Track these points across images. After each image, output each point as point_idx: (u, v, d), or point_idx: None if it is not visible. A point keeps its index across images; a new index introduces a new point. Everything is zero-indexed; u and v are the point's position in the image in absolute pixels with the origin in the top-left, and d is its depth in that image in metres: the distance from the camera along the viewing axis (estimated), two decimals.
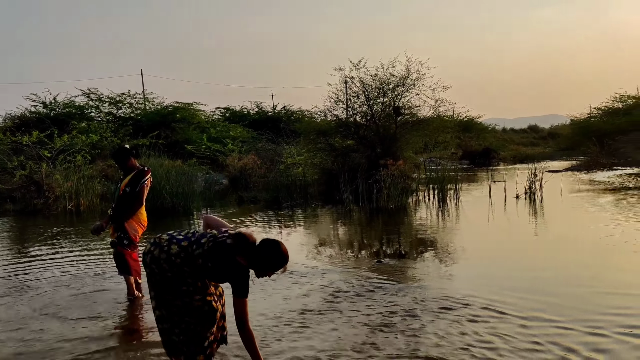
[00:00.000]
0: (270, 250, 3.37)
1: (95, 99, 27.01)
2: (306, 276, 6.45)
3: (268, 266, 3.39)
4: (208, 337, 3.52)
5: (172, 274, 3.39)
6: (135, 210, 5.72)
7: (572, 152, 36.14)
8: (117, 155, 5.88)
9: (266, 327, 4.68)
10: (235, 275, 3.34)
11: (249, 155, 20.53)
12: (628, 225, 9.28)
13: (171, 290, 3.43)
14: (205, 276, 3.42)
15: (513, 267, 6.86)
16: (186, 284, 3.41)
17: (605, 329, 4.41)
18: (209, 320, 3.50)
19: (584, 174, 21.40)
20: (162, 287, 3.45)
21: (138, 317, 5.21)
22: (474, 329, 4.49)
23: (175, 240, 3.44)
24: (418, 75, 16.67)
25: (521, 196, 13.87)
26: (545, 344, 4.11)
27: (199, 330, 3.48)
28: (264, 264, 3.38)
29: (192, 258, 3.36)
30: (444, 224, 10.74)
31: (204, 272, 3.39)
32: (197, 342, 3.48)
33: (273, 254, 3.37)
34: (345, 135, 17.56)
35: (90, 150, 17.79)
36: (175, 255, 3.37)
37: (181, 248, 3.39)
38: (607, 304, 5.08)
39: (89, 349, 4.29)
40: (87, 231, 10.81)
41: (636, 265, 6.70)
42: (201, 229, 3.78)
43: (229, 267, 3.34)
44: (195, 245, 3.39)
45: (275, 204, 14.25)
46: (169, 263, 3.38)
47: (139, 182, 5.70)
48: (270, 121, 31.99)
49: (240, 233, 3.40)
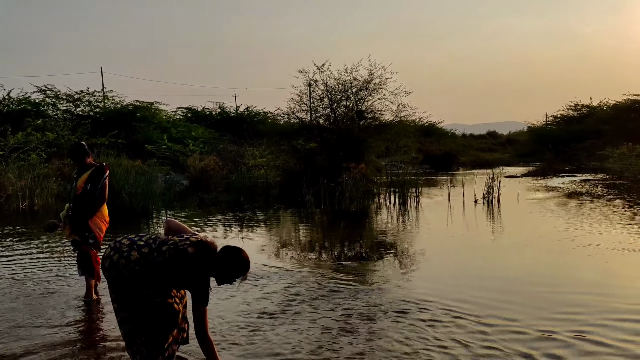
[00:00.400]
0: (231, 257, 3.34)
1: (52, 96, 26.34)
2: (266, 278, 6.41)
3: (229, 274, 3.36)
4: (168, 339, 3.47)
5: (131, 280, 3.33)
6: (98, 207, 5.58)
7: (529, 158, 37.11)
8: (75, 151, 5.71)
9: (223, 331, 4.62)
10: (196, 284, 3.30)
11: (210, 156, 20.35)
12: (581, 229, 9.55)
13: (132, 294, 3.36)
14: (166, 284, 3.36)
15: (471, 269, 6.99)
16: (147, 288, 3.35)
17: (558, 333, 4.51)
18: (170, 322, 3.45)
19: (540, 180, 21.97)
20: (122, 291, 3.38)
21: (96, 320, 5.08)
22: (433, 333, 4.53)
23: (135, 247, 3.36)
24: (381, 80, 16.87)
25: (479, 201, 14.14)
26: (503, 349, 4.18)
27: (160, 332, 3.42)
28: (225, 272, 3.35)
29: (152, 266, 3.30)
30: (405, 227, 10.85)
31: (164, 280, 3.33)
32: (157, 343, 3.42)
33: (235, 262, 3.34)
34: (309, 137, 17.61)
35: (46, 148, 17.32)
36: (135, 262, 3.30)
37: (141, 255, 3.32)
38: (562, 305, 5.21)
39: (53, 355, 4.15)
40: (39, 231, 10.52)
41: (589, 266, 6.90)
42: (163, 232, 3.71)
43: (190, 275, 3.30)
44: (156, 252, 3.33)
45: (237, 206, 14.14)
46: (128, 270, 3.31)
47: (100, 179, 5.55)
48: (232, 122, 31.79)
49: (201, 241, 3.36)
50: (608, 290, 5.83)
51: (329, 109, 17.42)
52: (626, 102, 33.90)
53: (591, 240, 8.46)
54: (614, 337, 4.37)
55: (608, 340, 4.32)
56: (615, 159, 21.55)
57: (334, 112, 17.30)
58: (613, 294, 5.68)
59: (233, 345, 4.29)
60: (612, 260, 7.17)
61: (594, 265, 6.99)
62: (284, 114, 18.71)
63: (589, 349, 4.16)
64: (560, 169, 28.13)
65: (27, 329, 4.73)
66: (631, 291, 5.87)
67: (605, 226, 9.96)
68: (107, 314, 5.04)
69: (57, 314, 5.16)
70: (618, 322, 4.73)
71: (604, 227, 9.82)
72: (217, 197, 15.62)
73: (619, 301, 5.36)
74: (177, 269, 3.29)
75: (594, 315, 4.94)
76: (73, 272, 6.47)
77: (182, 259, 3.29)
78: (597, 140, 30.64)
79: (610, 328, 4.59)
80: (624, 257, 7.33)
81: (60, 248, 8.40)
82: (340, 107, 17.27)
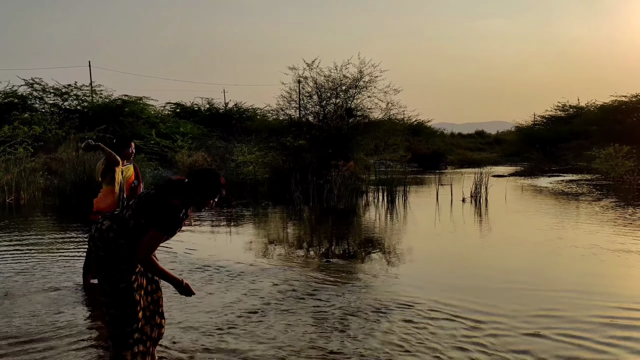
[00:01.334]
0: (201, 176, 3.33)
1: (39, 90, 26.11)
2: (253, 275, 6.41)
3: (204, 193, 3.30)
4: (132, 334, 3.32)
5: (104, 253, 3.26)
6: None
7: (517, 158, 37.35)
8: (123, 143, 5.99)
9: (205, 329, 4.61)
10: (163, 211, 3.18)
11: (199, 152, 20.27)
12: (567, 229, 9.65)
13: (103, 273, 3.30)
14: (140, 233, 3.20)
15: (458, 268, 7.03)
16: (116, 266, 3.25)
17: (545, 330, 4.57)
18: (129, 313, 3.30)
19: (528, 180, 22.13)
20: (99, 271, 3.34)
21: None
22: (418, 331, 4.56)
23: (110, 215, 3.37)
24: (370, 78, 16.88)
25: (467, 199, 14.22)
26: (490, 347, 4.22)
27: (121, 323, 3.30)
28: (199, 193, 3.29)
29: (124, 224, 3.25)
30: (393, 225, 10.90)
31: (137, 231, 3.21)
32: (120, 335, 3.30)
33: (205, 179, 3.31)
34: (297, 134, 17.58)
35: (33, 142, 17.15)
36: (108, 229, 3.26)
37: (113, 219, 3.29)
38: (547, 302, 5.26)
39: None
40: (26, 224, 10.45)
41: (574, 266, 6.97)
42: None
43: (159, 207, 3.20)
44: (125, 210, 3.31)
45: (225, 203, 14.11)
46: (102, 240, 3.26)
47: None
48: (221, 118, 31.71)
49: (167, 179, 3.35)
50: (593, 289, 5.90)
51: (318, 106, 17.41)
52: (613, 103, 34.22)
53: (577, 240, 8.56)
54: (601, 336, 4.44)
55: (592, 339, 4.38)
56: (602, 160, 21.74)
57: (323, 109, 17.30)
58: (595, 292, 5.75)
59: (216, 341, 4.29)
60: (596, 259, 7.25)
61: (579, 264, 7.07)
62: (273, 110, 18.71)
63: (574, 348, 4.21)
64: (547, 168, 28.35)
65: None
66: (615, 290, 5.94)
67: (591, 226, 10.07)
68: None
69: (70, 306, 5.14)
70: (603, 320, 4.80)
71: (590, 227, 9.92)
72: None
73: (603, 299, 5.43)
74: (145, 210, 3.22)
75: (578, 312, 5.00)
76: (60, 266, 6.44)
77: (149, 199, 3.25)
78: (584, 141, 30.91)
79: (594, 326, 4.66)
80: (610, 257, 7.42)
81: (47, 240, 8.34)
82: (330, 104, 17.28)
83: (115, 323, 3.31)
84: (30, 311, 5.04)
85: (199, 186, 3.29)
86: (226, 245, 8.39)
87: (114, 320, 3.31)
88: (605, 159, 21.67)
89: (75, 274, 6.32)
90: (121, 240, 3.24)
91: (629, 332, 4.54)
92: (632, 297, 5.62)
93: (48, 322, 4.74)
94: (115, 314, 3.30)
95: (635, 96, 33.48)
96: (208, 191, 3.32)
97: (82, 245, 8.37)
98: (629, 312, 5.06)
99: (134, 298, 3.33)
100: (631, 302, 5.36)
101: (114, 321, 3.31)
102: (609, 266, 7.04)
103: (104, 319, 3.46)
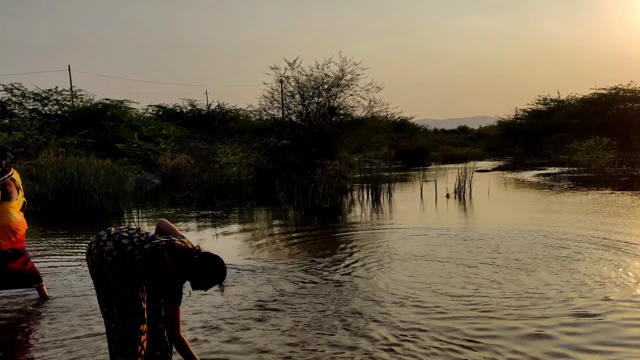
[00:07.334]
0: (209, 265, 3.30)
1: (18, 95, 25.78)
2: (239, 277, 6.40)
3: (205, 281, 3.31)
4: (138, 336, 3.33)
5: (102, 270, 3.26)
6: None
7: (500, 152, 37.65)
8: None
9: (193, 332, 4.60)
10: (168, 283, 3.26)
11: (182, 154, 20.16)
12: (550, 221, 9.75)
13: (102, 286, 3.29)
14: (140, 282, 3.31)
15: (445, 265, 7.06)
16: (113, 280, 3.26)
17: (521, 328, 4.62)
18: (135, 310, 3.33)
19: (510, 174, 22.32)
20: (96, 283, 3.32)
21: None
22: (405, 331, 4.59)
23: (117, 238, 3.31)
24: (352, 76, 16.91)
25: (451, 195, 14.31)
26: (488, 346, 4.26)
27: (127, 320, 3.31)
28: (201, 278, 3.30)
29: (131, 262, 3.24)
30: (377, 223, 10.92)
31: (139, 277, 3.28)
32: (128, 335, 3.30)
33: (212, 270, 3.30)
34: (281, 134, 17.57)
35: (13, 148, 16.96)
36: (108, 252, 3.24)
37: (117, 246, 3.26)
38: (533, 300, 5.33)
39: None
40: None
41: (554, 260, 7.05)
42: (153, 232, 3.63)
43: (163, 275, 3.25)
44: (138, 250, 3.27)
45: (209, 204, 14.05)
46: (100, 259, 3.25)
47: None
48: (204, 120, 31.58)
49: (180, 245, 3.31)
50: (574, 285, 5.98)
51: (300, 105, 17.40)
52: (593, 96, 34.65)
53: (558, 231, 8.66)
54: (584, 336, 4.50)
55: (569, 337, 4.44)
56: (583, 152, 22.02)
57: (306, 108, 17.29)
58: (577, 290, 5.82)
59: (203, 343, 4.27)
60: (576, 254, 7.34)
61: (560, 257, 7.15)
62: (255, 111, 18.65)
63: (554, 347, 4.27)
64: (529, 162, 28.62)
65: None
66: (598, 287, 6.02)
67: (574, 216, 10.18)
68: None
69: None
70: (580, 318, 4.87)
71: (572, 217, 10.03)
72: (189, 195, 15.48)
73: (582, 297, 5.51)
74: (154, 268, 3.25)
75: (558, 309, 5.07)
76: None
77: (158, 260, 3.26)
78: (565, 134, 31.27)
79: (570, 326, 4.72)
80: (591, 250, 7.52)
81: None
82: (312, 103, 17.27)
83: (118, 322, 3.31)
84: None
85: (205, 273, 3.29)
86: (210, 246, 8.31)
87: (116, 319, 3.31)
88: (586, 151, 21.94)
89: (60, 281, 6.26)
90: (117, 267, 3.25)
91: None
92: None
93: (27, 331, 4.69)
94: (118, 313, 3.30)
95: (614, 89, 33.96)
96: (211, 281, 3.33)
97: (65, 251, 8.31)
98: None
99: (142, 304, 3.37)
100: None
101: (115, 320, 3.31)
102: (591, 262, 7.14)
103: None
